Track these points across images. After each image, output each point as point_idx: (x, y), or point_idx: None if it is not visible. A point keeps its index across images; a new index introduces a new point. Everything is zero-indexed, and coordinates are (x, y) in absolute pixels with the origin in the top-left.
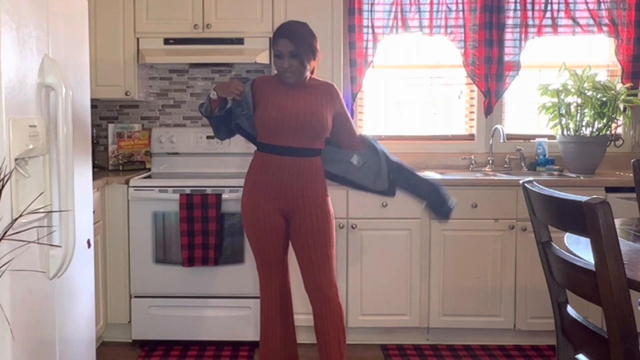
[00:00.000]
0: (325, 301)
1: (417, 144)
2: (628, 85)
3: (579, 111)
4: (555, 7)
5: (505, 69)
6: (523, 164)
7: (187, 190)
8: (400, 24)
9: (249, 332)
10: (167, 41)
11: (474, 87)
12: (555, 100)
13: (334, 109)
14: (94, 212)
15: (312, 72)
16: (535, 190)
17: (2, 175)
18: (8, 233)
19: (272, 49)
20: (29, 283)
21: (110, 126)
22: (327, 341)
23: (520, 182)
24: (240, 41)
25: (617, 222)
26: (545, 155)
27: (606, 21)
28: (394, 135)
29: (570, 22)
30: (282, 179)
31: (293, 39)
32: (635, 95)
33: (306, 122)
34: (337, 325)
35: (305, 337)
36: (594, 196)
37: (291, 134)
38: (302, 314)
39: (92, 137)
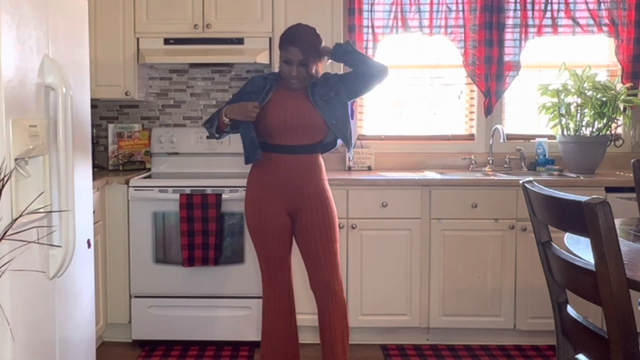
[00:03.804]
0: (330, 295)
1: (417, 144)
2: (628, 85)
3: (579, 111)
4: (555, 7)
5: (505, 69)
6: (523, 164)
7: (187, 190)
8: (400, 24)
9: (249, 332)
10: (167, 41)
11: (474, 87)
12: (555, 100)
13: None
14: (94, 212)
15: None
16: (535, 190)
17: (2, 175)
18: (8, 233)
19: (280, 53)
20: (29, 283)
21: (110, 126)
22: (332, 339)
23: (520, 182)
24: (240, 41)
25: (617, 222)
26: (545, 155)
27: (606, 21)
28: (394, 135)
29: (570, 22)
30: (286, 177)
31: (303, 49)
32: (635, 95)
33: (306, 121)
34: (342, 322)
35: (306, 337)
36: (594, 196)
37: (293, 134)
38: (305, 313)
39: (92, 137)
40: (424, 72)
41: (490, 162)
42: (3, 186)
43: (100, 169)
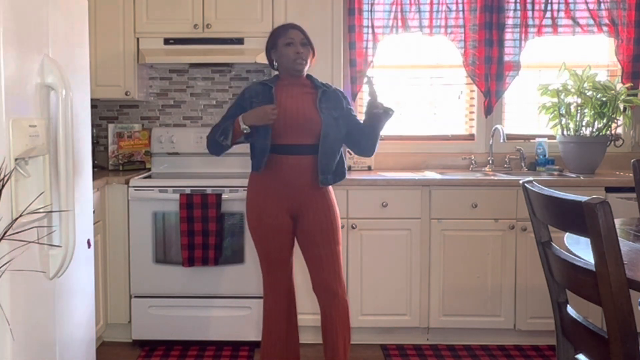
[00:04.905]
0: (333, 297)
1: (417, 144)
2: (628, 85)
3: (579, 111)
4: (555, 7)
5: (505, 69)
6: (523, 164)
7: (187, 190)
8: (400, 24)
9: (249, 332)
10: (167, 41)
11: (474, 87)
12: (555, 100)
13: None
14: (94, 212)
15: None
16: (535, 190)
17: (2, 175)
18: (8, 233)
19: (279, 41)
20: (29, 283)
21: (110, 126)
22: (334, 341)
23: (520, 182)
24: (240, 41)
25: (617, 222)
26: (545, 155)
27: (606, 21)
28: (394, 135)
29: (570, 22)
30: (288, 178)
31: (302, 31)
32: (635, 95)
33: (306, 118)
34: (345, 324)
35: (307, 337)
36: (594, 196)
37: (293, 132)
38: (306, 313)
39: (92, 137)
40: (424, 72)
41: (490, 162)
42: (3, 186)
43: (100, 169)
